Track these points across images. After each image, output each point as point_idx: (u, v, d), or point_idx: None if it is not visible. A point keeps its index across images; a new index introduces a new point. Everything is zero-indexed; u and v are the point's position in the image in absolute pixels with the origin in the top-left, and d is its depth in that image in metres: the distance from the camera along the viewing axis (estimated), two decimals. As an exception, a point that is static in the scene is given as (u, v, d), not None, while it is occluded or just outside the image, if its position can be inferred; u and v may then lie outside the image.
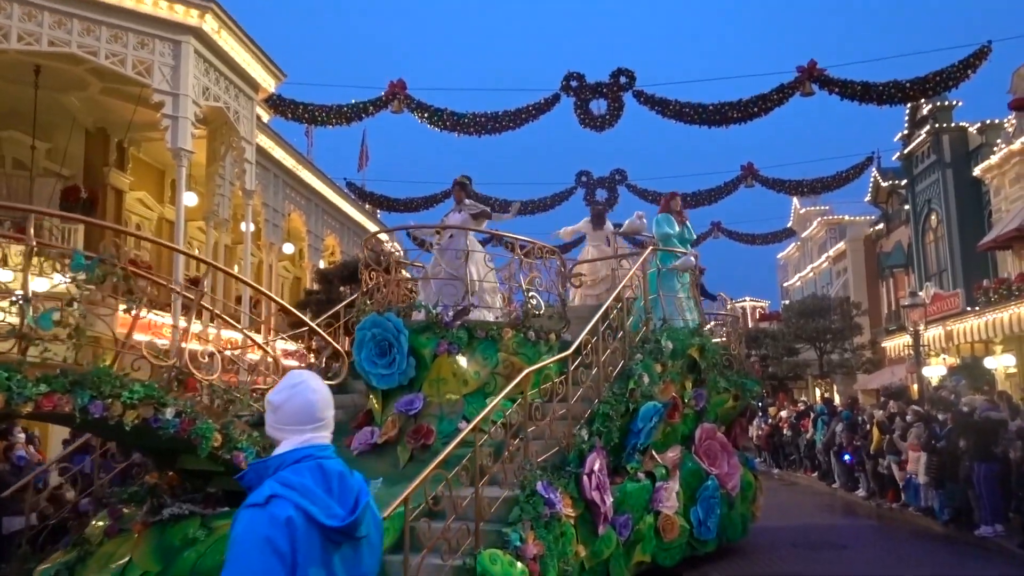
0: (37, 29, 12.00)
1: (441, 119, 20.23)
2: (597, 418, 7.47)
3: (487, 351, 7.99)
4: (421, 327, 8.04)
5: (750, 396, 10.94)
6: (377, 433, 7.65)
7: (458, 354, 7.90)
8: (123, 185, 17.09)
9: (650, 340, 8.72)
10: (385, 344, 7.86)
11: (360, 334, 8.11)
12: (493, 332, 8.05)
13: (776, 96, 19.34)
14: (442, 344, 7.88)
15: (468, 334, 7.97)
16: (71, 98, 15.16)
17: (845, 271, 40.90)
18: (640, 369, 8.05)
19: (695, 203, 27.51)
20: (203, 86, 13.92)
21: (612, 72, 19.83)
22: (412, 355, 7.89)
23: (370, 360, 7.94)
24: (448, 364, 7.87)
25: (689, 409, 9.17)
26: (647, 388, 7.95)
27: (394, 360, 7.80)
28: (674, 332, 9.00)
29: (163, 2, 13.07)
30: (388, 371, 7.83)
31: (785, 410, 24.54)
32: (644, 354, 8.42)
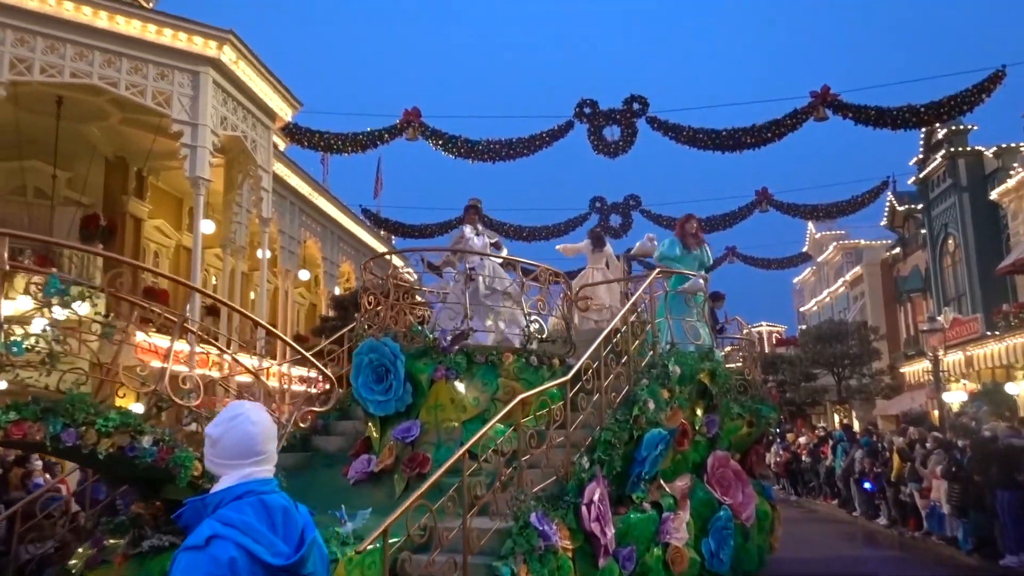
0: (59, 61, 12.24)
1: (456, 146, 20.38)
2: (599, 446, 7.19)
3: (487, 377, 7.82)
4: (419, 352, 7.89)
5: (766, 422, 10.59)
6: (374, 461, 7.48)
7: (456, 380, 7.71)
8: (142, 213, 17.28)
9: (657, 365, 8.45)
10: (382, 370, 7.73)
11: (357, 359, 7.96)
12: (493, 357, 7.88)
13: (790, 121, 19.37)
14: (439, 369, 7.71)
15: (467, 359, 7.80)
16: (92, 128, 15.40)
17: (862, 296, 40.63)
18: (645, 395, 7.75)
19: (710, 228, 27.45)
20: (221, 116, 14.11)
21: (625, 99, 19.94)
22: (410, 381, 7.72)
23: (367, 386, 7.81)
24: (446, 390, 7.70)
25: (700, 436, 8.91)
26: (652, 414, 7.65)
27: (391, 386, 7.66)
28: (682, 357, 8.66)
29: (182, 34, 13.31)
30: (385, 397, 7.70)
31: (804, 436, 24.28)
32: (650, 379, 8.13)
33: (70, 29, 12.37)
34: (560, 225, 27.39)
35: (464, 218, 9.87)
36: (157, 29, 13.13)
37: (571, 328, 9.03)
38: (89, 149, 15.76)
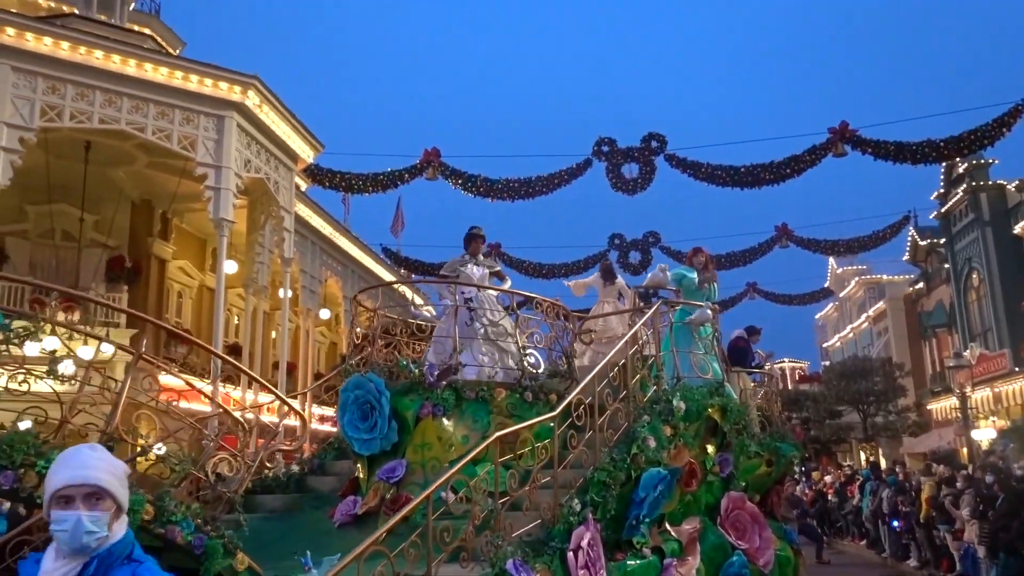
0: (89, 108, 12.53)
1: (475, 185, 20.58)
2: (592, 486, 6.68)
3: (477, 413, 7.47)
4: (404, 388, 7.53)
5: (786, 461, 10.09)
6: (359, 503, 7.14)
7: (444, 417, 7.34)
8: (166, 254, 17.53)
9: (660, 400, 7.99)
10: (367, 407, 7.41)
11: (343, 396, 7.64)
12: (484, 393, 7.51)
13: (809, 157, 19.41)
14: (426, 406, 7.32)
15: (456, 395, 7.43)
16: (119, 172, 15.71)
17: (886, 331, 40.20)
18: (645, 432, 7.28)
19: (730, 264, 27.43)
20: (245, 158, 14.35)
21: (643, 136, 20.10)
22: (396, 418, 7.38)
23: (352, 424, 7.47)
24: (433, 428, 7.33)
25: (713, 476, 8.45)
26: (653, 453, 7.16)
27: (375, 424, 7.33)
28: (689, 391, 8.21)
29: (208, 79, 13.60)
30: (370, 436, 7.36)
31: (829, 475, 23.89)
32: (652, 415, 7.66)
33: (99, 76, 12.68)
34: (579, 262, 27.45)
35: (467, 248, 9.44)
36: (184, 75, 13.42)
37: (572, 362, 8.65)
38: (116, 192, 16.06)
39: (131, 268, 15.81)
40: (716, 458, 8.46)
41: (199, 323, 18.90)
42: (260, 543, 6.34)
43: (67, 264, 15.39)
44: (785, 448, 10.10)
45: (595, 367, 8.36)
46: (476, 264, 9.19)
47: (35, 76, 12.17)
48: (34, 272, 15.08)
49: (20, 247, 15.32)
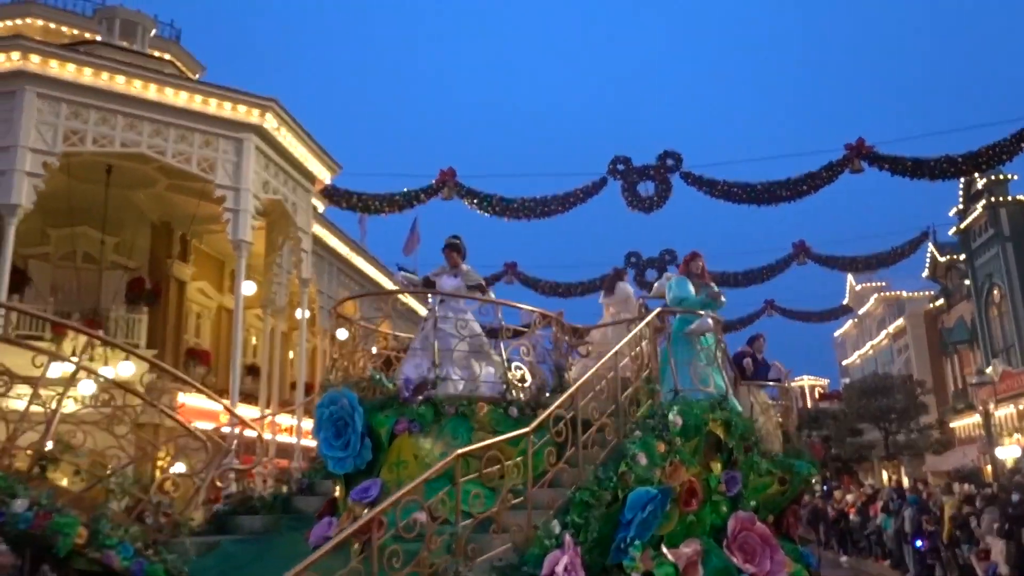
0: (111, 132, 12.75)
1: (490, 204, 20.66)
2: (573, 507, 6.29)
3: (457, 430, 7.15)
4: (379, 403, 7.31)
5: (801, 479, 9.54)
6: (334, 525, 6.82)
7: (420, 433, 7.05)
8: (185, 276, 17.71)
9: (655, 414, 7.59)
10: (341, 423, 7.14)
11: (318, 413, 7.37)
12: (464, 408, 7.20)
13: (825, 174, 19.36)
14: (401, 422, 7.06)
15: (434, 410, 7.13)
16: (139, 194, 15.93)
17: (906, 348, 39.84)
18: (636, 448, 6.93)
19: (747, 281, 27.32)
20: (263, 180, 14.52)
21: (659, 154, 20.13)
22: (371, 435, 7.12)
23: (327, 442, 7.20)
24: (409, 445, 7.04)
25: (718, 495, 8.04)
26: (643, 471, 6.81)
27: (349, 441, 7.06)
28: (687, 405, 7.85)
29: (227, 103, 13.80)
30: (344, 454, 7.08)
31: (851, 494, 23.64)
32: (644, 431, 7.28)
33: (121, 101, 12.91)
34: (596, 281, 27.42)
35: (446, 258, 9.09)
36: (203, 99, 13.63)
37: (563, 375, 8.26)
38: (136, 215, 16.28)
39: (151, 290, 15.99)
40: (722, 476, 8.09)
41: (218, 344, 19.04)
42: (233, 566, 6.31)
43: (88, 286, 15.58)
44: (800, 466, 9.58)
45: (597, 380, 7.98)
46: (452, 275, 8.82)
47: (59, 102, 12.41)
48: (56, 294, 15.26)
49: (42, 270, 15.53)
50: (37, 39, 14.58)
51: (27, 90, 12.15)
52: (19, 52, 12.23)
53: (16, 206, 11.69)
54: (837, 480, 31.36)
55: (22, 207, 11.74)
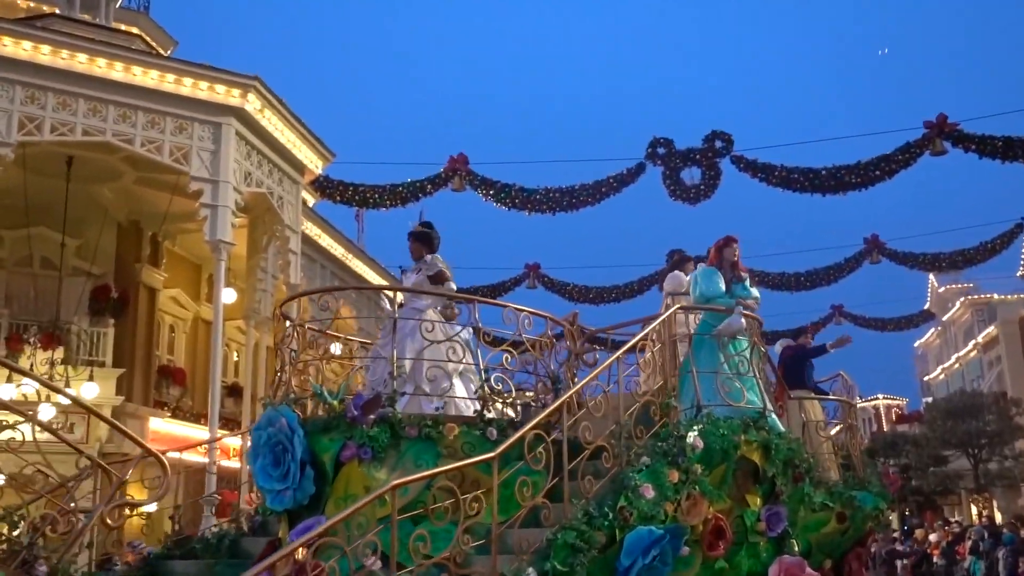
0: (71, 119, 12.92)
1: (509, 196, 20.76)
2: (555, 551, 5.93)
3: (421, 456, 6.73)
4: (323, 424, 6.93)
5: (866, 515, 9.02)
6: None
7: (372, 461, 6.62)
8: (156, 283, 17.91)
9: (669, 436, 7.11)
10: (279, 449, 6.83)
11: (254, 436, 7.06)
12: (429, 429, 6.76)
13: (901, 156, 19.30)
14: (348, 447, 6.61)
15: (390, 432, 6.69)
16: (104, 189, 16.14)
17: (998, 360, 39.53)
18: (640, 479, 6.48)
19: (810, 283, 27.25)
20: (245, 171, 14.66)
21: (706, 136, 20.14)
22: (314, 463, 6.81)
23: (265, 471, 6.88)
24: (359, 475, 6.64)
25: (757, 536, 7.64)
26: (648, 506, 6.37)
27: (288, 471, 6.73)
28: (712, 425, 7.33)
29: (203, 83, 13.93)
30: (282, 485, 6.77)
31: (934, 533, 23.47)
32: (654, 456, 6.81)
33: (83, 83, 13.04)
34: (633, 284, 27.45)
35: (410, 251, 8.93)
36: (176, 78, 13.76)
37: (560, 388, 7.85)
38: (100, 213, 16.48)
39: (117, 299, 16.17)
40: (761, 512, 7.67)
41: (194, 360, 19.22)
42: None
43: (47, 295, 15.77)
44: (865, 498, 9.06)
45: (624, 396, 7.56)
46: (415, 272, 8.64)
47: (13, 85, 12.57)
48: (11, 305, 15.49)
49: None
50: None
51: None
52: (-33, 28, 12.44)
53: (-35, 205, 11.90)
54: (918, 516, 31.15)
55: (-28, 206, 11.95)
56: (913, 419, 43.04)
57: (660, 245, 11.12)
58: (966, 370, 44.35)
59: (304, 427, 6.84)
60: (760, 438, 7.67)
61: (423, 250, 8.69)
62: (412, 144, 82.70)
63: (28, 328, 14.63)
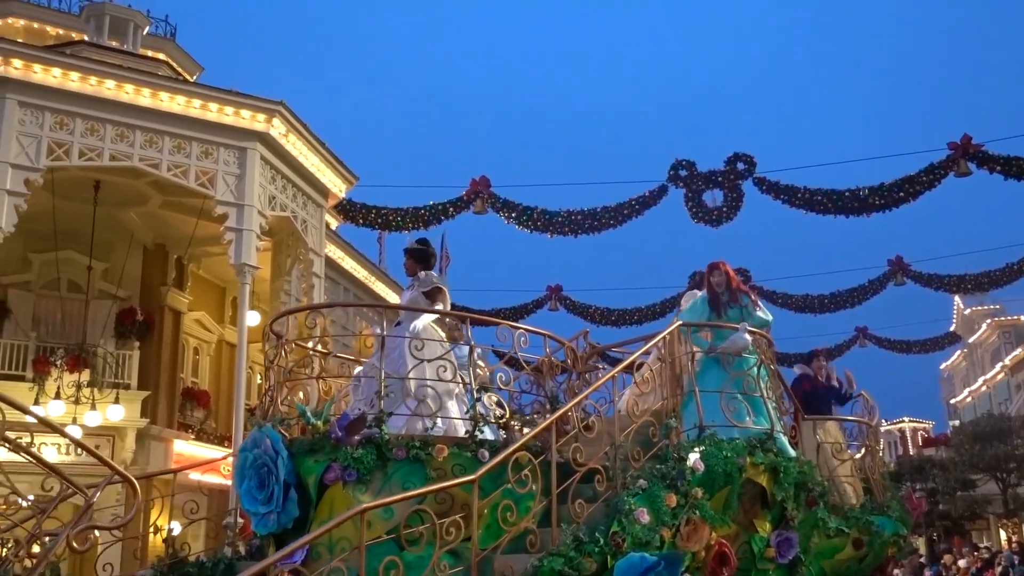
0: (99, 144, 13.10)
1: (531, 219, 20.78)
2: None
3: (409, 479, 6.52)
4: (308, 446, 6.77)
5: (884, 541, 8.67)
6: None
7: (356, 483, 6.45)
8: (181, 305, 18.05)
9: (668, 458, 6.91)
10: (264, 471, 6.69)
11: (240, 458, 6.94)
12: (417, 451, 6.57)
13: (925, 178, 19.19)
14: (333, 469, 6.46)
15: (376, 454, 6.51)
16: (130, 214, 16.32)
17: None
18: (636, 502, 6.25)
19: (835, 305, 27.07)
20: (269, 195, 14.78)
21: (728, 158, 20.11)
22: (300, 486, 6.67)
23: (250, 494, 6.74)
24: (343, 498, 6.43)
25: (766, 563, 7.43)
26: (643, 531, 6.12)
27: (272, 494, 6.60)
28: (716, 446, 7.07)
29: (228, 108, 14.10)
30: (267, 508, 6.64)
31: (963, 559, 23.12)
32: (651, 479, 6.58)
33: (111, 108, 13.24)
34: (655, 307, 27.35)
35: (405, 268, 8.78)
36: (202, 104, 13.94)
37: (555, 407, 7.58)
38: (127, 237, 16.65)
39: (143, 321, 16.31)
40: (772, 538, 7.43)
41: (218, 382, 19.31)
42: None
43: (74, 318, 15.94)
44: (884, 523, 8.73)
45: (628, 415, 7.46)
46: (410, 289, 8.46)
47: (42, 111, 12.79)
48: (38, 328, 15.65)
49: (23, 300, 15.93)
50: (19, 41, 15.09)
51: (8, 99, 12.52)
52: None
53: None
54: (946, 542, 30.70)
55: (2, 230, 12.09)
56: (940, 442, 42.59)
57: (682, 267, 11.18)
58: (993, 393, 43.83)
59: (290, 448, 6.72)
60: (768, 460, 7.43)
61: (417, 267, 8.53)
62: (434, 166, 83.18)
63: (55, 351, 14.78)
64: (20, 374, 14.41)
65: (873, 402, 10.45)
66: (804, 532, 7.74)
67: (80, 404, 14.11)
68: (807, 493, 7.81)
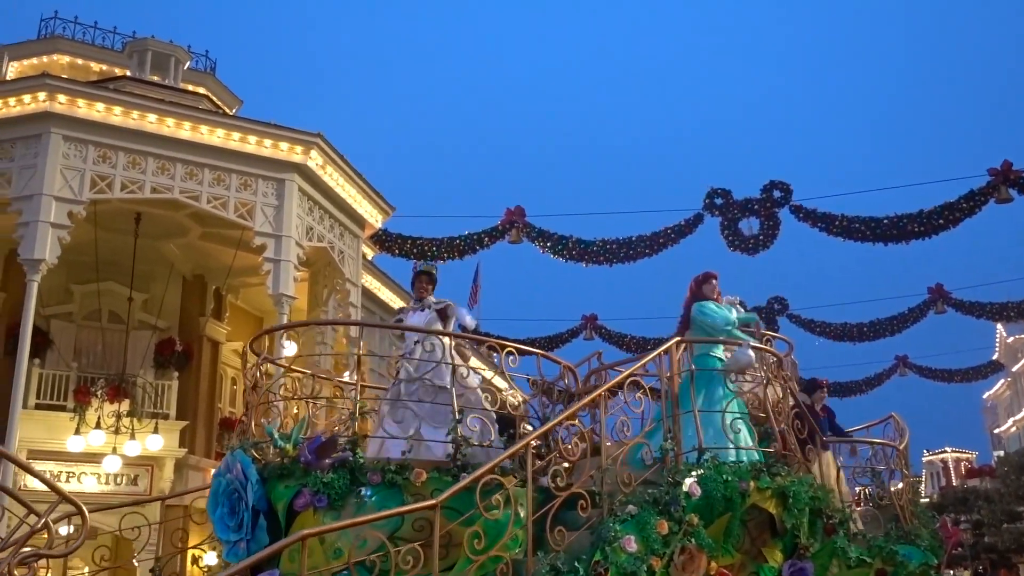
0: (140, 176, 13.30)
1: (566, 248, 20.73)
2: None
3: (385, 504, 6.17)
4: (279, 471, 6.47)
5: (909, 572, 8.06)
6: None
7: (328, 510, 6.12)
8: (219, 336, 18.17)
9: (662, 482, 6.47)
10: (236, 497, 6.43)
11: (214, 483, 6.69)
12: (393, 475, 6.24)
13: (965, 204, 18.91)
14: (303, 494, 6.15)
15: (349, 478, 6.22)
16: (170, 245, 16.52)
17: (1074, 413, 38.12)
18: (623, 529, 5.85)
19: (873, 335, 26.69)
20: (307, 226, 14.89)
21: (764, 186, 19.98)
22: (271, 512, 6.39)
23: (222, 522, 6.49)
24: (314, 525, 6.06)
25: None
26: (629, 560, 5.71)
27: (243, 520, 6.34)
28: (716, 470, 6.68)
29: (267, 140, 14.27)
30: (238, 536, 6.37)
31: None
32: (642, 504, 6.17)
33: (152, 142, 13.48)
34: (689, 336, 27.10)
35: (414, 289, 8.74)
36: (241, 136, 14.14)
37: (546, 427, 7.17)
38: (166, 268, 16.84)
39: (181, 352, 16.43)
40: (784, 568, 7.06)
41: (255, 412, 19.35)
42: None
43: (114, 348, 16.09)
44: (911, 553, 8.12)
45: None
46: (418, 308, 8.32)
47: (86, 144, 13.04)
48: (79, 358, 15.82)
49: (65, 330, 16.12)
50: (64, 77, 15.40)
51: (52, 133, 12.81)
52: (45, 92, 12.92)
53: (39, 261, 12.23)
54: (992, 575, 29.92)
55: (46, 262, 12.28)
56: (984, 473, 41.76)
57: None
58: (1039, 422, 42.89)
59: (262, 473, 6.47)
60: (775, 485, 7.01)
61: (430, 289, 8.45)
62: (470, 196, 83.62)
63: (95, 381, 14.91)
64: (61, 404, 14.54)
65: (904, 424, 9.94)
66: (821, 563, 7.37)
67: (120, 434, 14.20)
68: (825, 520, 7.45)
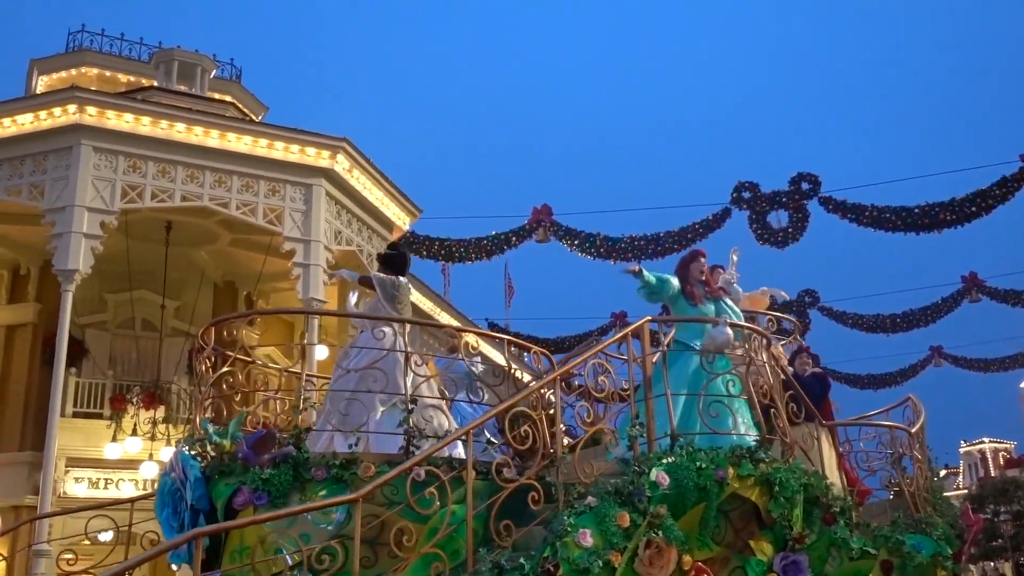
0: (170, 185, 13.45)
1: (593, 246, 20.71)
2: None
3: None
4: (220, 468, 6.14)
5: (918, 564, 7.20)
6: None
7: (268, 508, 5.75)
8: (250, 341, 18.29)
9: (626, 472, 5.98)
10: (177, 496, 6.19)
11: (160, 483, 6.51)
12: (340, 471, 5.90)
13: (999, 191, 18.70)
14: (241, 492, 5.81)
15: (292, 475, 5.88)
16: (201, 252, 16.67)
17: (1115, 400, 37.49)
18: (579, 523, 5.43)
19: (907, 325, 26.43)
20: (335, 229, 14.97)
21: (792, 178, 19.86)
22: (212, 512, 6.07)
23: (168, 523, 6.29)
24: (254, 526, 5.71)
25: None
26: (583, 556, 5.29)
27: (183, 521, 6.08)
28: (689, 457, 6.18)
29: (294, 146, 14.37)
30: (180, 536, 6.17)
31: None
32: (602, 495, 5.69)
33: (181, 151, 13.62)
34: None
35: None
36: (268, 143, 14.24)
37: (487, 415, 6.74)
38: (197, 275, 17.01)
39: (214, 358, 16.56)
40: (776, 561, 6.55)
41: (288, 417, 19.48)
42: None
43: (148, 356, 16.27)
44: (921, 543, 7.31)
45: None
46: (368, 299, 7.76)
47: (116, 155, 13.20)
48: (115, 366, 16.00)
49: (100, 339, 16.31)
50: (93, 89, 15.59)
51: (83, 144, 12.98)
52: (75, 104, 13.09)
53: (74, 271, 12.39)
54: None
55: (79, 272, 12.44)
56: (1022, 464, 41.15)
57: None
58: (1079, 411, 42.22)
59: (205, 471, 6.18)
60: (758, 472, 6.49)
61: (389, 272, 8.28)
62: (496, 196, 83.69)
63: (131, 388, 15.08)
64: (98, 412, 14.72)
65: (921, 406, 9.18)
66: (817, 554, 6.75)
67: (156, 440, 14.35)
68: (824, 509, 6.87)
